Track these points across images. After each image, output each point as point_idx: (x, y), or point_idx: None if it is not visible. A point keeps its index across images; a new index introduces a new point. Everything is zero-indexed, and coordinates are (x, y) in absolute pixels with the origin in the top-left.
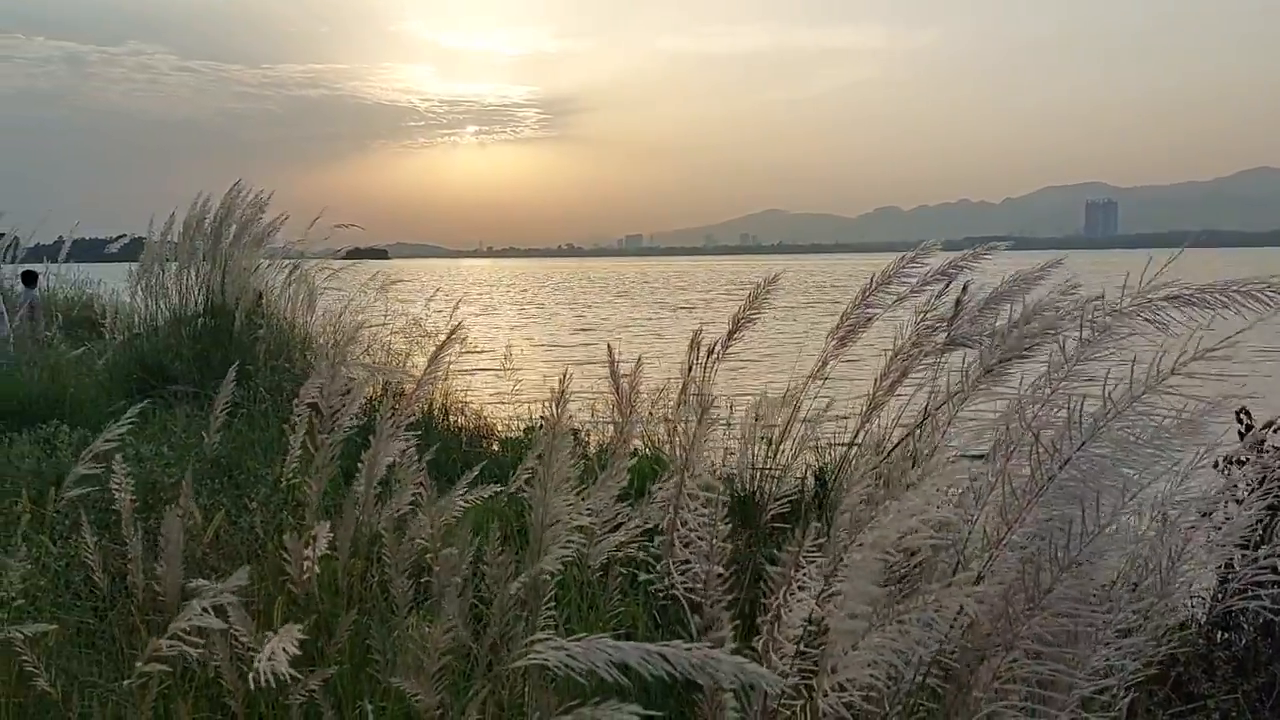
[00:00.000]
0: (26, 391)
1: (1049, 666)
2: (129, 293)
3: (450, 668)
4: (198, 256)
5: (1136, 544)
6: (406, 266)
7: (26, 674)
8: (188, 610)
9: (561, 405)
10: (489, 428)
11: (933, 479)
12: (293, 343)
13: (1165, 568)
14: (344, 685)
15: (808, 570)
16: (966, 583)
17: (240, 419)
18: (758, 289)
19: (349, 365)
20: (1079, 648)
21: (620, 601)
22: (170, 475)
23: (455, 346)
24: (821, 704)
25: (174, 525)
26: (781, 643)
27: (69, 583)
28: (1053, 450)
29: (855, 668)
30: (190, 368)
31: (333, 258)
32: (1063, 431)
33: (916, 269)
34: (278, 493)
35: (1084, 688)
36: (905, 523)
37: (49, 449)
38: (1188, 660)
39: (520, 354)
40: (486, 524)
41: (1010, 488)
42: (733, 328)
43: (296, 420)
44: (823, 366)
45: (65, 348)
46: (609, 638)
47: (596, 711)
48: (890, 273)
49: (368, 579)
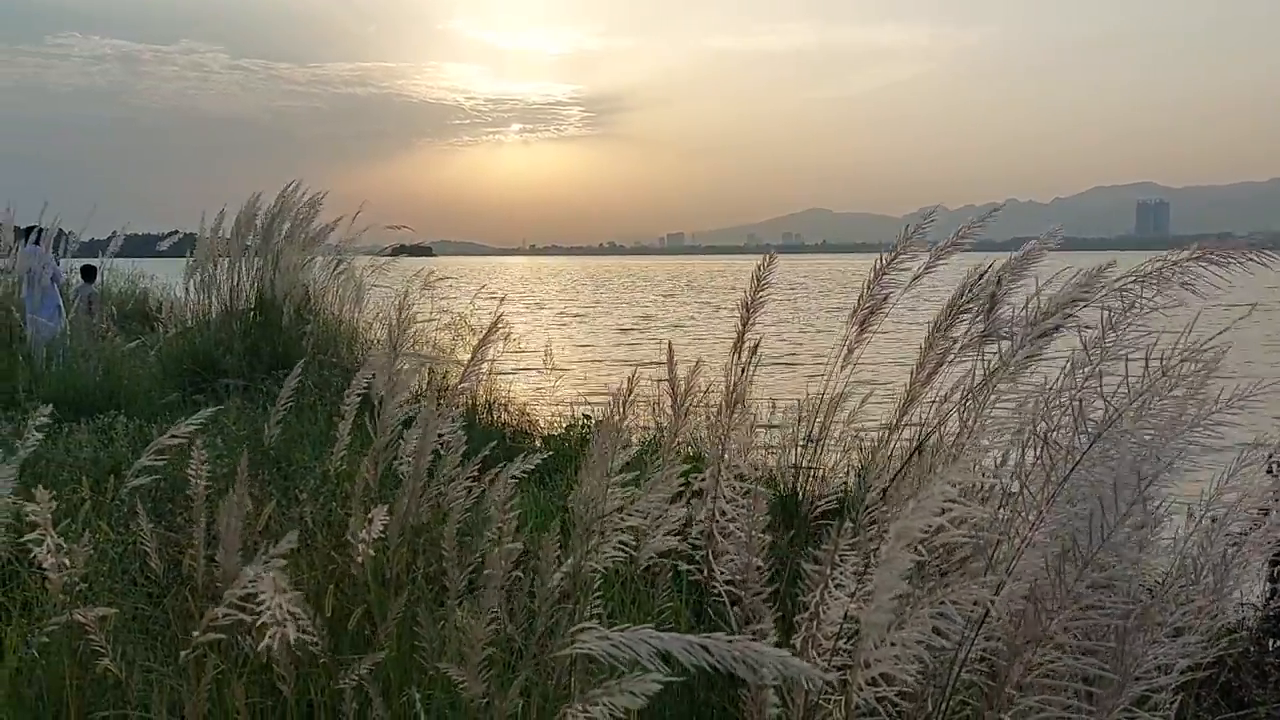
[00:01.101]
0: (83, 383)
1: (1086, 662)
2: (182, 287)
3: (496, 659)
4: (249, 252)
5: (1184, 544)
6: (451, 264)
7: (86, 657)
8: (241, 578)
9: (625, 405)
10: (532, 424)
11: (955, 468)
12: (339, 337)
13: (1216, 568)
14: (392, 672)
15: (844, 568)
16: (987, 575)
17: (289, 412)
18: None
19: (402, 355)
20: (1127, 645)
21: (664, 598)
22: (224, 466)
23: (499, 343)
24: (856, 698)
25: (233, 513)
26: (820, 640)
27: (125, 569)
28: (1074, 431)
29: (887, 662)
30: (240, 361)
31: (379, 254)
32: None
33: (943, 263)
34: (326, 484)
35: (1133, 688)
36: (928, 515)
37: (106, 439)
38: (1238, 665)
39: (562, 352)
40: (533, 518)
41: (1048, 462)
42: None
43: (347, 410)
44: (849, 354)
45: (120, 341)
46: (651, 628)
47: (624, 683)
48: (924, 267)
49: (413, 569)
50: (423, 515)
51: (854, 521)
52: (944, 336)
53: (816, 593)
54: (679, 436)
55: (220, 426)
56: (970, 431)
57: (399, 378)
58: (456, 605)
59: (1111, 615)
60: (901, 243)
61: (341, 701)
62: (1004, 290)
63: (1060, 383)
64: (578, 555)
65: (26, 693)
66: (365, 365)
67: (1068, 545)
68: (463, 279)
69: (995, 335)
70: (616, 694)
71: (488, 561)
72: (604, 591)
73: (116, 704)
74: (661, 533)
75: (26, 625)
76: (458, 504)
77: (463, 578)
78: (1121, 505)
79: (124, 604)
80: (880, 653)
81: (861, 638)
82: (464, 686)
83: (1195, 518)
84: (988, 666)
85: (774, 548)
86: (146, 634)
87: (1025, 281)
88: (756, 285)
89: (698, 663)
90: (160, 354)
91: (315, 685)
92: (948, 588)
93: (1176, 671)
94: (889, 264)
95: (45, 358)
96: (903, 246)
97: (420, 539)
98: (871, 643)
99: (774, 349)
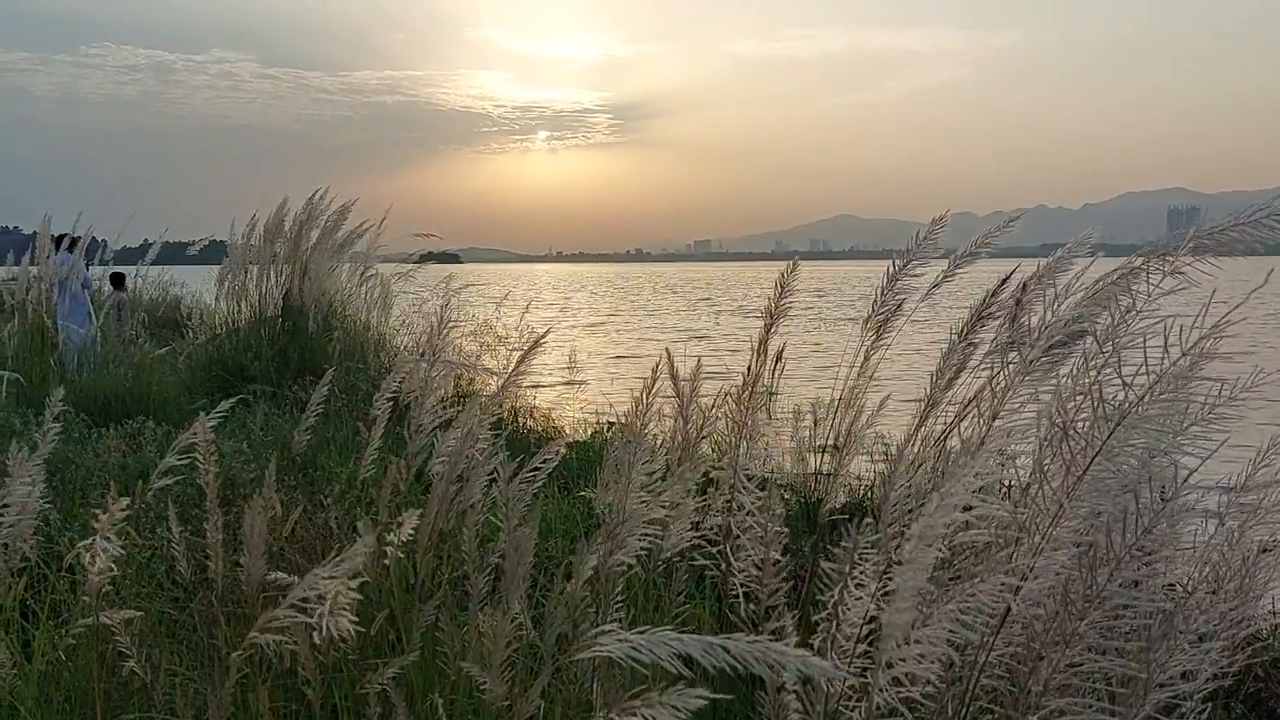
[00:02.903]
0: (113, 388)
1: (1117, 663)
2: (213, 295)
3: (517, 663)
4: (278, 260)
5: (1206, 546)
6: (478, 271)
7: (112, 660)
8: (277, 610)
9: (646, 407)
10: (558, 430)
11: (975, 465)
12: (366, 344)
13: (1238, 573)
14: (415, 678)
15: (864, 568)
16: (1008, 573)
17: (316, 418)
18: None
19: (433, 361)
20: (1151, 649)
21: (684, 602)
22: (250, 471)
23: (533, 354)
24: (877, 699)
25: (258, 517)
26: (840, 641)
27: (153, 574)
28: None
29: (910, 661)
30: (268, 368)
31: (406, 261)
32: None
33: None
34: (352, 490)
35: (1157, 694)
36: (950, 512)
37: (135, 444)
38: (1267, 674)
39: (588, 359)
40: (556, 522)
41: (1067, 453)
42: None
43: (376, 415)
44: (865, 360)
45: (149, 347)
46: (671, 629)
47: (665, 696)
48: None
49: (438, 576)
50: (450, 520)
51: (875, 517)
52: (968, 343)
53: (835, 592)
54: (695, 430)
55: (248, 432)
56: (989, 430)
57: (431, 382)
58: (479, 609)
59: (1141, 615)
60: (914, 249)
61: (366, 706)
62: (1028, 296)
63: (1076, 373)
64: (602, 554)
65: (54, 694)
66: (394, 369)
67: (1091, 540)
68: (493, 285)
69: (1018, 342)
70: (656, 706)
71: (507, 562)
72: (625, 595)
73: (142, 707)
74: (680, 527)
75: (55, 628)
76: (478, 505)
77: (483, 580)
78: (1152, 497)
79: (151, 608)
80: (903, 651)
81: (883, 639)
82: (486, 689)
83: (1219, 517)
84: (1006, 670)
85: (795, 552)
86: (173, 638)
87: (1052, 288)
88: (780, 291)
89: (719, 664)
90: (189, 360)
91: (340, 690)
92: (970, 583)
93: (1202, 679)
94: (901, 270)
95: (76, 364)
96: (916, 253)
97: (446, 544)
98: (894, 643)
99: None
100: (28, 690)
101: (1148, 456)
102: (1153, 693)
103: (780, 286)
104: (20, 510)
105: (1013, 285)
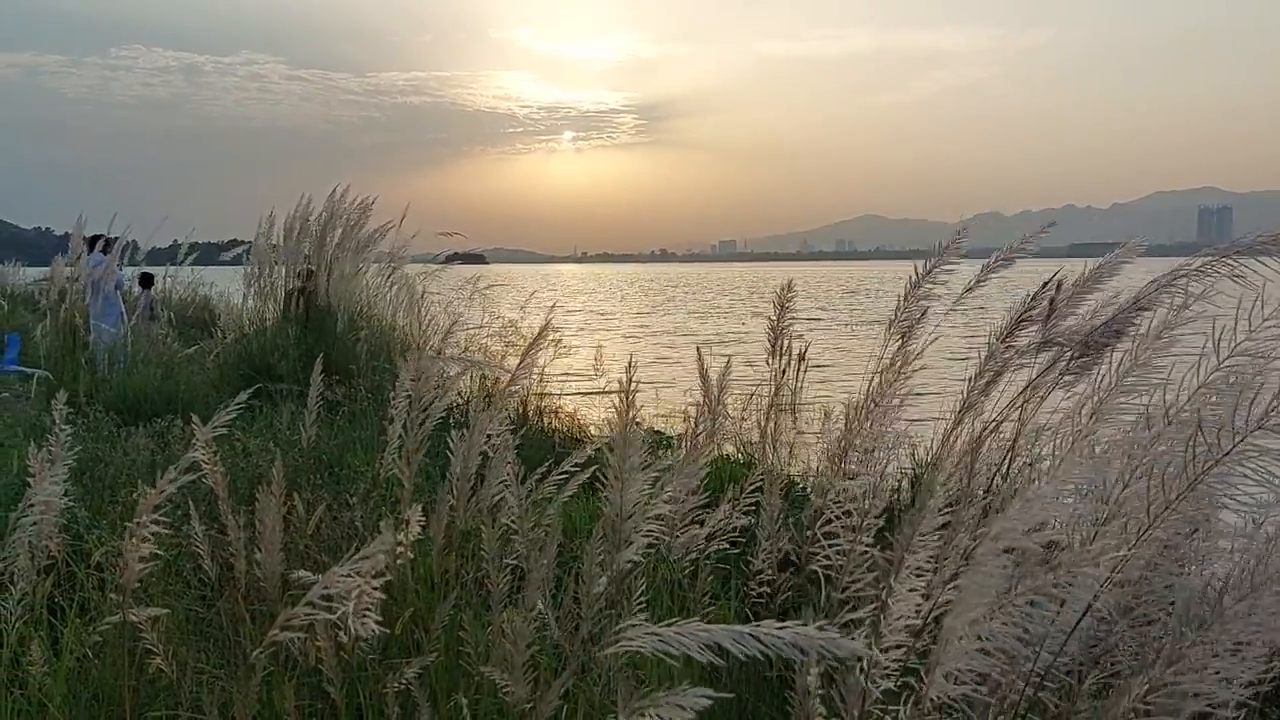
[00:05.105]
0: (142, 388)
1: (1202, 683)
2: (241, 295)
3: (540, 664)
4: (306, 259)
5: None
6: (503, 271)
7: (139, 658)
8: (298, 608)
9: (630, 399)
10: (582, 429)
11: (1065, 469)
12: (393, 343)
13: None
14: (438, 677)
15: (910, 564)
16: (1094, 563)
17: (342, 416)
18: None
19: (444, 358)
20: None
21: (710, 604)
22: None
23: (550, 350)
24: (929, 694)
25: (270, 511)
26: (885, 635)
27: (179, 571)
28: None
29: (969, 655)
30: (295, 367)
31: (432, 262)
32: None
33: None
34: (376, 488)
35: (1195, 702)
36: (1034, 514)
37: (163, 443)
38: None
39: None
40: (578, 522)
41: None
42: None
43: (394, 413)
44: (891, 365)
45: (179, 346)
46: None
47: (677, 698)
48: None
49: (462, 574)
50: (470, 520)
51: (920, 505)
52: (1006, 346)
53: (884, 586)
54: (706, 427)
55: (274, 430)
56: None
57: (444, 381)
58: (501, 608)
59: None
60: (939, 252)
61: (388, 705)
62: (1064, 298)
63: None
64: (618, 554)
65: (82, 691)
66: (408, 366)
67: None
68: (517, 286)
69: (1054, 344)
70: (663, 705)
71: (530, 561)
72: (647, 594)
73: (168, 704)
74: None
75: (83, 625)
76: (500, 505)
77: (504, 580)
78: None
79: (177, 605)
80: (960, 647)
81: (941, 642)
82: (508, 690)
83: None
84: (1055, 685)
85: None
86: (199, 635)
87: (1093, 292)
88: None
89: (750, 652)
90: (218, 360)
91: (364, 689)
92: (1054, 572)
93: (1238, 685)
94: (926, 274)
95: (107, 363)
96: (942, 257)
97: (470, 544)
98: (951, 646)
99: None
100: (56, 687)
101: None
102: (1188, 702)
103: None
104: (44, 509)
105: (1053, 289)
